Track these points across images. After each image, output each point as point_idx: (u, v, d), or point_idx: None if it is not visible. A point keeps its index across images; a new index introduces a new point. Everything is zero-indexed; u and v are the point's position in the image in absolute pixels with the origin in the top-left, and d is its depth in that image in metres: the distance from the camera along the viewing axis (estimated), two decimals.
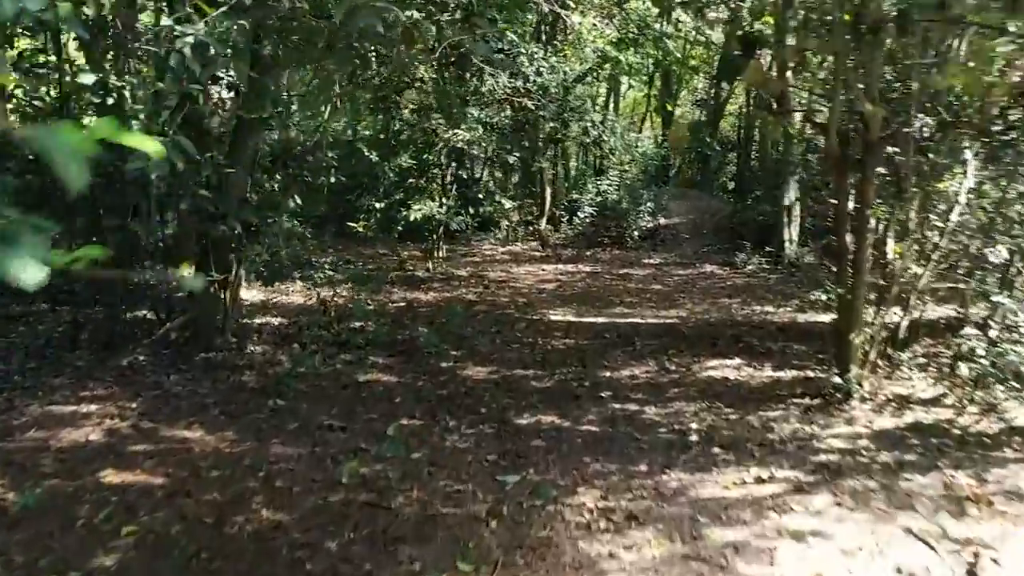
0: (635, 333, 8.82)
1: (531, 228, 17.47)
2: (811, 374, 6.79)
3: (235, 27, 4.13)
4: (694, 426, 5.49)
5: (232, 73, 6.49)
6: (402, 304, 10.51)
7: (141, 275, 7.39)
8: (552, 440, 5.27)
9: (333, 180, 8.33)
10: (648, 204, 16.85)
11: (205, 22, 3.50)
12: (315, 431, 5.48)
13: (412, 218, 11.19)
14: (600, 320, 9.64)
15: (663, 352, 7.87)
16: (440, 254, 12.86)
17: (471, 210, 11.22)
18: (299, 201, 7.87)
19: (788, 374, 6.89)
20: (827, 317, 9.57)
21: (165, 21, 3.43)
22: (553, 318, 9.78)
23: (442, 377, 6.91)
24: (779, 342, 8.24)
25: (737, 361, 7.38)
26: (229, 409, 5.96)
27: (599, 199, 17.14)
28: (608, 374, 7.07)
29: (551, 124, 11.79)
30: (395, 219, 11.49)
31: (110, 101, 4.24)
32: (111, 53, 6.32)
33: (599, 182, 17.17)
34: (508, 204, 11.06)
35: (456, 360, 7.51)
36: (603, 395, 6.35)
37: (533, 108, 11.22)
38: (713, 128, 23.08)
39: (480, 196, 11.58)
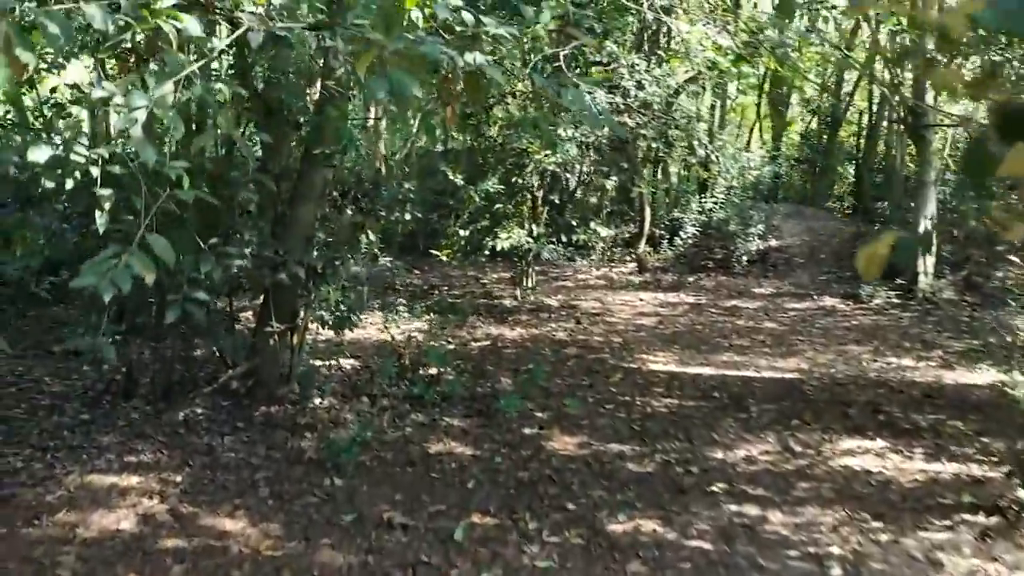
0: (749, 393, 7.73)
1: (628, 249, 16.44)
2: (978, 471, 5.58)
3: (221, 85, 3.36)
4: (835, 550, 4.42)
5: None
6: (485, 342, 9.72)
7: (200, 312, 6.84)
8: (653, 562, 4.32)
9: (409, 216, 7.57)
10: (758, 225, 15.53)
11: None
12: (372, 529, 4.71)
13: (499, 247, 10.39)
14: (706, 371, 8.58)
15: (785, 423, 6.77)
16: (529, 282, 12.03)
17: (563, 237, 10.34)
18: (372, 238, 7.18)
19: (948, 468, 5.69)
20: (982, 377, 8.26)
21: (97, 92, 2.67)
22: (653, 366, 8.78)
23: (524, 451, 6.05)
24: (928, 414, 6.99)
25: (879, 443, 6.20)
26: (280, 489, 5.27)
27: (703, 218, 15.94)
28: (719, 454, 6.04)
29: (653, 143, 10.77)
30: (481, 246, 10.73)
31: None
32: None
33: (703, 199, 15.98)
34: (604, 232, 10.14)
35: (541, 426, 6.63)
36: (715, 488, 5.34)
37: (633, 126, 10.24)
38: (830, 138, 21.40)
39: (573, 223, 10.69)
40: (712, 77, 14.83)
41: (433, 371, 7.81)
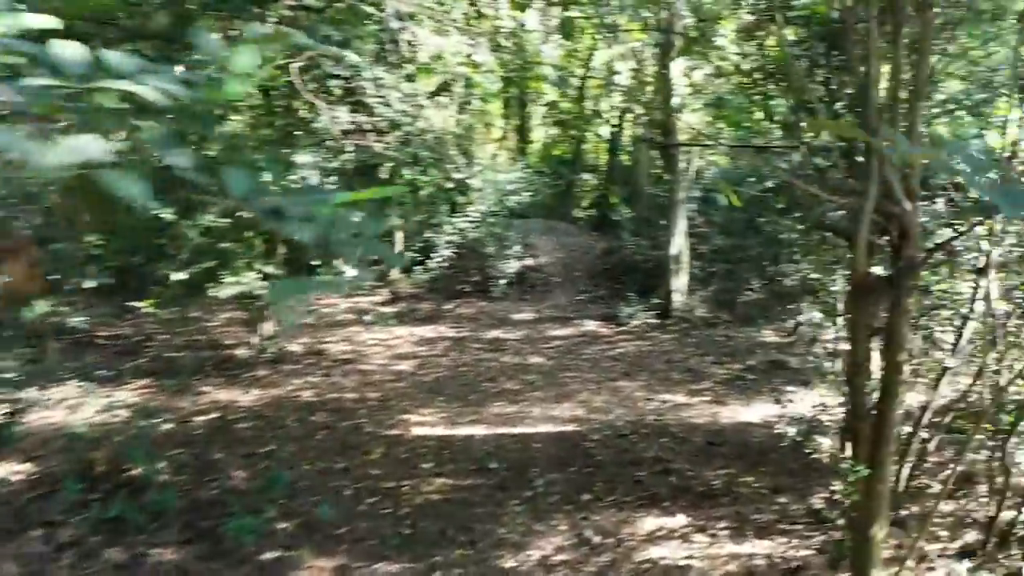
0: (529, 459, 6.88)
1: (379, 273, 15.20)
2: (789, 550, 5.09)
3: None
4: None
5: None
6: (213, 415, 8.03)
7: None
8: None
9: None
10: (515, 246, 15.04)
11: None
12: None
13: (224, 294, 8.71)
14: (479, 432, 7.63)
15: (576, 500, 5.98)
16: (267, 328, 10.39)
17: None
18: None
19: (757, 548, 5.15)
20: (754, 412, 8.11)
21: None
22: (418, 430, 7.67)
23: None
24: (718, 468, 6.55)
25: (681, 520, 5.58)
26: None
27: (457, 238, 15.14)
28: (510, 560, 5.07)
29: (405, 171, 9.70)
30: (201, 292, 8.96)
31: None
32: None
33: (456, 218, 15.20)
34: (353, 272, 8.91)
35: (285, 546, 5.24)
36: None
37: (382, 149, 9.06)
38: (576, 151, 21.70)
39: (317, 262, 9.31)
40: (465, 93, 14.11)
41: (138, 471, 6.10)
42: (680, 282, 12.80)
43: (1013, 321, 4.75)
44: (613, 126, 20.90)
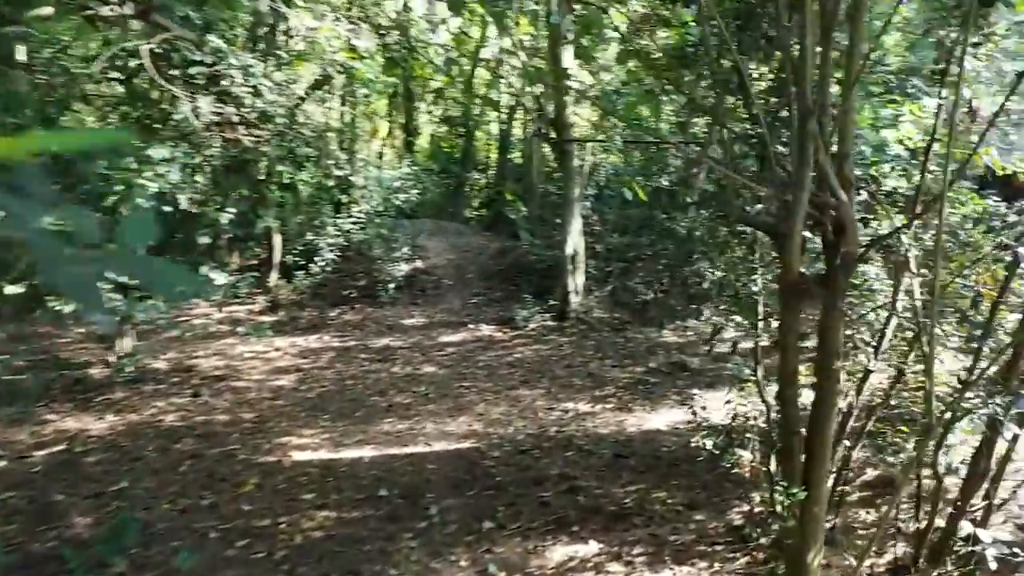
0: (423, 482, 6.27)
1: (258, 279, 14.17)
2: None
3: None
4: None
5: None
6: (58, 447, 7.01)
7: None
8: None
9: None
10: (404, 248, 14.31)
11: None
12: None
13: (69, 307, 7.66)
14: (367, 454, 6.95)
15: (476, 529, 5.40)
16: (126, 344, 9.33)
17: None
18: None
19: (679, 573, 4.72)
20: (661, 419, 7.76)
21: None
22: (298, 455, 6.92)
23: None
24: (627, 485, 6.13)
25: (593, 547, 5.10)
26: None
27: (341, 240, 14.28)
28: None
29: (280, 167, 8.86)
30: (42, 305, 7.87)
31: None
32: None
33: (340, 219, 14.34)
34: (220, 279, 7.97)
35: None
36: None
37: (252, 143, 8.22)
38: (465, 148, 21.14)
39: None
40: (344, 84, 13.30)
41: None
42: (577, 282, 12.44)
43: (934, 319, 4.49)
44: (503, 122, 20.48)
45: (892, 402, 4.87)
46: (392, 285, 13.97)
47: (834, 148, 3.56)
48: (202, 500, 5.93)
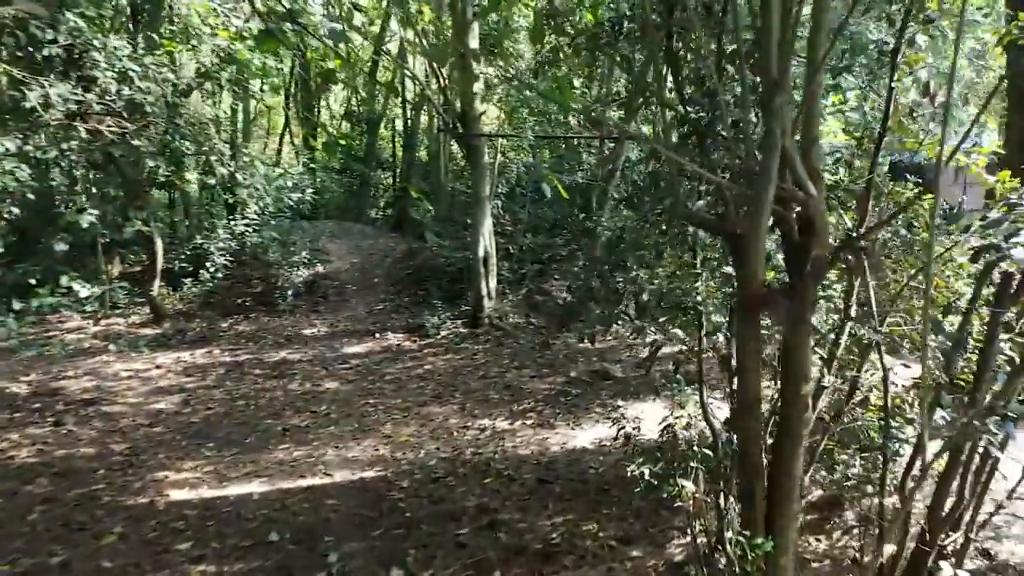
0: (321, 522, 5.50)
1: (140, 289, 12.96)
2: None
3: None
4: None
5: None
6: None
7: None
8: None
9: None
10: (303, 252, 13.34)
11: None
12: None
13: None
14: (256, 489, 6.13)
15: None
16: None
17: (14, 305, 6.78)
18: None
19: None
20: (585, 435, 7.19)
21: None
22: (175, 494, 6.03)
23: None
24: (554, 515, 5.51)
25: None
26: None
27: (234, 244, 13.22)
28: None
29: (153, 163, 7.85)
30: None
31: None
32: None
33: (233, 221, 13.28)
34: (84, 291, 6.98)
35: None
36: None
37: (119, 136, 7.23)
38: (369, 145, 20.19)
39: (35, 279, 7.22)
40: (229, 73, 12.26)
41: None
42: (490, 286, 11.80)
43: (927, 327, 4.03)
44: (408, 118, 19.66)
45: (845, 419, 4.41)
46: (291, 292, 13.02)
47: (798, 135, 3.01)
48: (52, 557, 5.00)
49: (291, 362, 10.09)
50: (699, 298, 4.31)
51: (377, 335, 11.52)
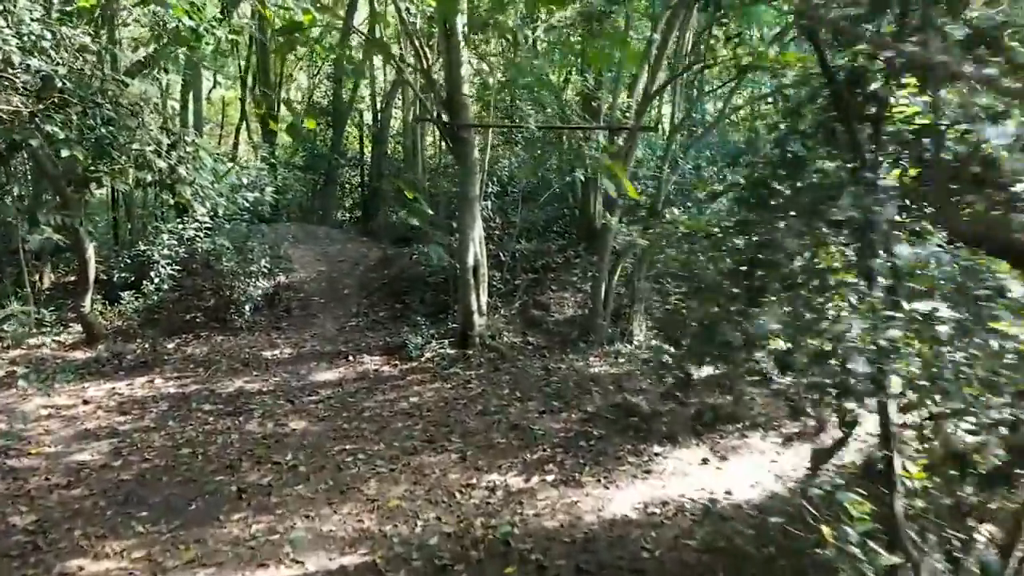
0: None
1: (74, 303, 11.29)
2: None
3: None
4: None
5: None
6: None
7: None
8: None
9: None
10: (263, 260, 11.74)
11: None
12: None
13: None
14: None
15: None
16: None
17: None
18: None
19: None
20: (623, 496, 5.80)
21: None
22: None
23: None
24: None
25: None
26: None
27: (183, 252, 11.61)
28: None
29: (69, 151, 6.27)
30: None
31: None
32: None
33: (182, 225, 11.66)
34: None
35: None
36: None
37: (28, 119, 5.67)
38: (334, 141, 18.61)
39: None
40: (172, 51, 10.65)
41: None
42: (480, 300, 10.34)
43: None
44: (379, 109, 18.13)
45: None
46: (248, 306, 11.44)
47: None
48: None
49: (249, 394, 8.54)
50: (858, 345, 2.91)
51: (351, 357, 10.00)
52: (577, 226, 12.80)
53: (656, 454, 6.58)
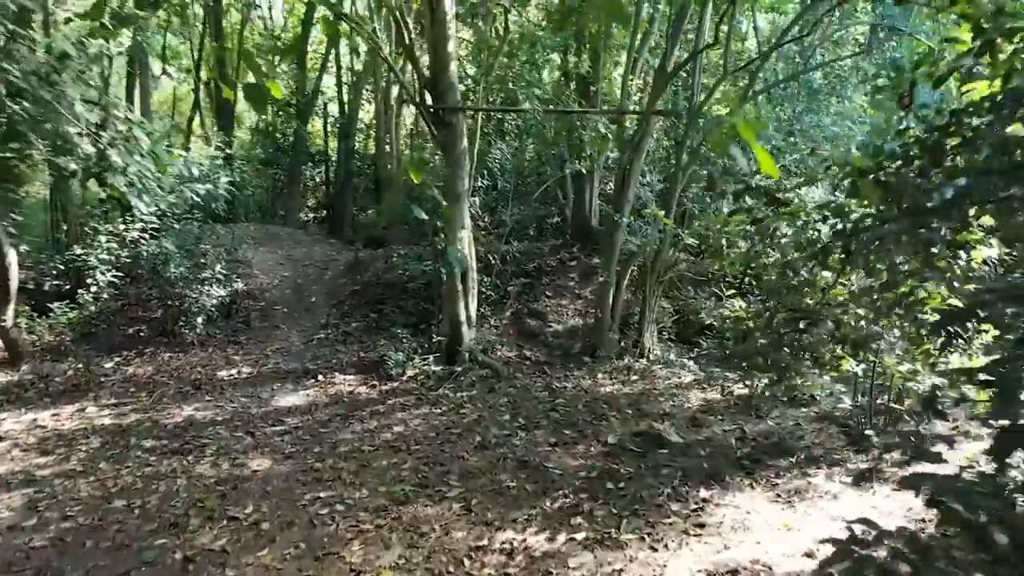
0: None
1: None
2: None
3: None
4: None
5: None
6: None
7: None
8: None
9: None
10: (217, 264, 10.40)
11: None
12: None
13: None
14: None
15: None
16: None
17: None
18: None
19: None
20: (682, 567, 4.65)
21: None
22: None
23: None
24: None
25: None
26: None
27: (126, 257, 10.26)
28: None
29: None
30: None
31: None
32: None
33: (124, 226, 10.31)
34: None
35: None
36: None
37: None
38: (296, 133, 17.26)
39: None
40: (118, 34, 9.31)
41: None
42: (469, 309, 9.16)
43: None
44: (345, 101, 16.84)
45: None
46: (201, 318, 10.13)
47: None
48: None
49: (200, 425, 7.26)
50: None
51: (320, 377, 8.76)
52: (572, 225, 11.67)
53: (704, 500, 5.44)
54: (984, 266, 4.20)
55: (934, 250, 3.01)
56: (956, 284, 3.59)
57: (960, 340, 4.65)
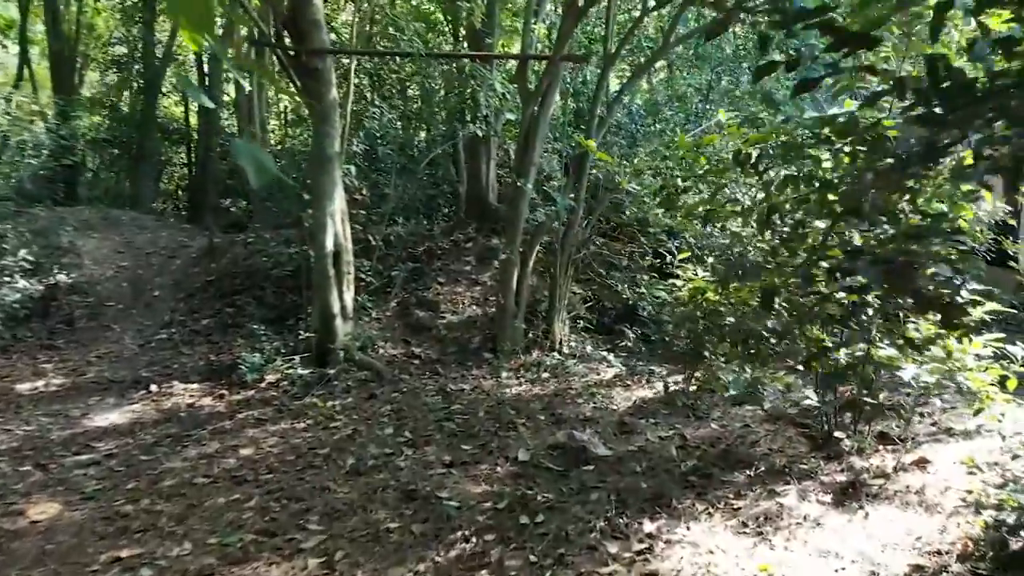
0: None
1: None
2: None
3: None
4: None
5: None
6: None
7: None
8: None
9: None
10: (22, 252, 8.49)
11: None
12: None
13: None
14: None
15: None
16: None
17: None
18: None
19: None
20: None
21: None
22: None
23: None
24: None
25: None
26: None
27: None
28: None
29: None
30: None
31: None
32: None
33: None
34: None
35: None
36: None
37: None
38: (146, 106, 15.21)
39: None
40: None
41: None
42: (344, 299, 7.65)
43: None
44: (205, 68, 14.93)
45: None
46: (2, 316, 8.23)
47: None
48: None
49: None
50: None
51: (154, 387, 7.09)
52: (466, 201, 10.29)
53: (650, 536, 4.15)
54: None
55: None
56: None
57: None
